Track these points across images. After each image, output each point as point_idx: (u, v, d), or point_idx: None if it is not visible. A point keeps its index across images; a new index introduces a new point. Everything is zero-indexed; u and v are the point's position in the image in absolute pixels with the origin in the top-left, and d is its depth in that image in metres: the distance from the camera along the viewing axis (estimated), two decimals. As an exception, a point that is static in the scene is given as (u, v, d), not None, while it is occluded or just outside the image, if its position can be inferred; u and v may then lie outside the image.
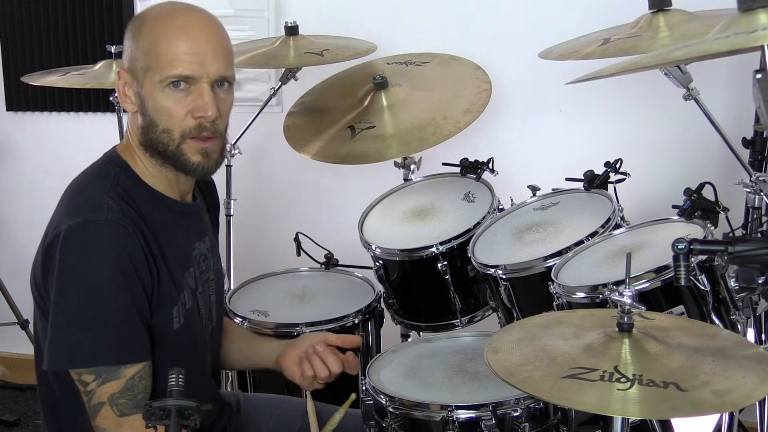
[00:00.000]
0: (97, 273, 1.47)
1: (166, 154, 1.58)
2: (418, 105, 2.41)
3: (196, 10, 1.60)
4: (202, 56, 1.54)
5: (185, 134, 1.57)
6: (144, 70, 1.56)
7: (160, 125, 1.57)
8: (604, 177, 2.13)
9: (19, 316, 3.24)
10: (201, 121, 1.56)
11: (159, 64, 1.54)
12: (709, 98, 2.05)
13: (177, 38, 1.54)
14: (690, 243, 1.34)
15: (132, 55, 1.58)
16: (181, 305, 1.61)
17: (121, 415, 1.50)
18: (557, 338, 1.46)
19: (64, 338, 1.48)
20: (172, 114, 1.56)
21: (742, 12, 1.46)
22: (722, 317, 1.77)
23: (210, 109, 1.55)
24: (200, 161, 1.59)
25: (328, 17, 2.93)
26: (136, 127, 1.60)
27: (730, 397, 1.26)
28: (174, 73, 1.54)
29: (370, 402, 1.80)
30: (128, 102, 1.60)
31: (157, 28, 1.56)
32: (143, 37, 1.56)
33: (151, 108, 1.56)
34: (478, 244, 2.14)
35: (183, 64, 1.54)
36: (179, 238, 1.66)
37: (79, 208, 1.52)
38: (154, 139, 1.58)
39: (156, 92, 1.55)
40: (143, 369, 1.52)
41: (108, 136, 2.14)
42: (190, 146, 1.58)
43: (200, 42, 1.55)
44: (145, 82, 1.56)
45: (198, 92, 1.55)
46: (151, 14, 1.60)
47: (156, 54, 1.54)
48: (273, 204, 3.17)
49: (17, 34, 3.29)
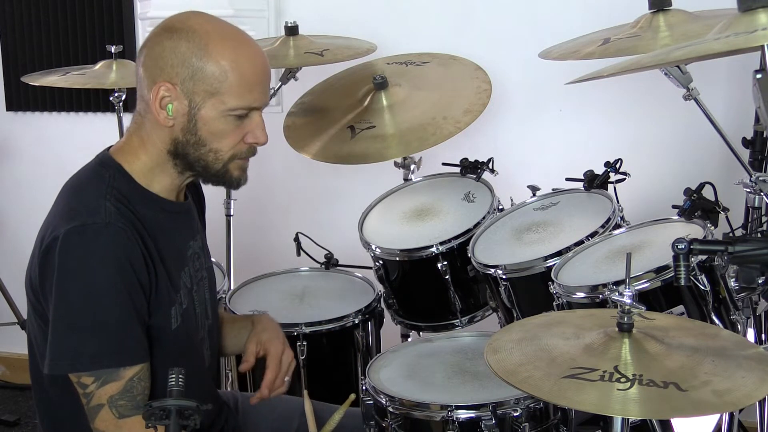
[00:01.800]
0: (97, 276, 1.47)
1: (207, 171, 1.60)
2: (418, 105, 2.41)
3: (252, 39, 1.60)
4: (267, 88, 1.59)
5: (234, 156, 1.60)
6: (208, 94, 1.53)
7: (209, 145, 1.57)
8: (604, 177, 2.13)
9: (19, 316, 3.24)
10: (253, 147, 1.61)
11: (231, 93, 1.53)
12: (709, 98, 2.04)
13: (248, 68, 1.54)
14: (690, 243, 1.34)
15: (189, 74, 1.53)
16: (179, 305, 1.61)
17: (120, 417, 1.50)
18: (557, 338, 1.46)
19: (65, 342, 1.48)
20: (227, 139, 1.57)
21: (742, 12, 1.47)
22: (722, 317, 1.77)
23: (264, 137, 1.60)
24: (240, 176, 1.63)
25: (328, 17, 2.93)
26: (164, 138, 1.58)
27: (730, 397, 1.26)
28: (247, 105, 1.55)
29: (370, 402, 1.80)
30: (164, 117, 1.56)
31: (227, 57, 1.53)
32: (209, 62, 1.52)
33: (205, 130, 1.55)
34: (478, 244, 2.14)
35: (257, 96, 1.56)
36: (175, 238, 1.66)
37: (77, 211, 1.52)
38: (196, 156, 1.58)
39: (216, 116, 1.55)
40: (142, 370, 1.51)
41: (108, 136, 2.13)
42: (235, 165, 1.61)
43: (267, 73, 1.60)
44: (206, 105, 1.54)
45: (254, 120, 1.58)
46: (213, 35, 1.54)
47: (230, 83, 1.53)
48: (273, 204, 3.17)
49: (17, 34, 3.29)
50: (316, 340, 2.15)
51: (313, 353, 2.13)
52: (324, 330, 2.16)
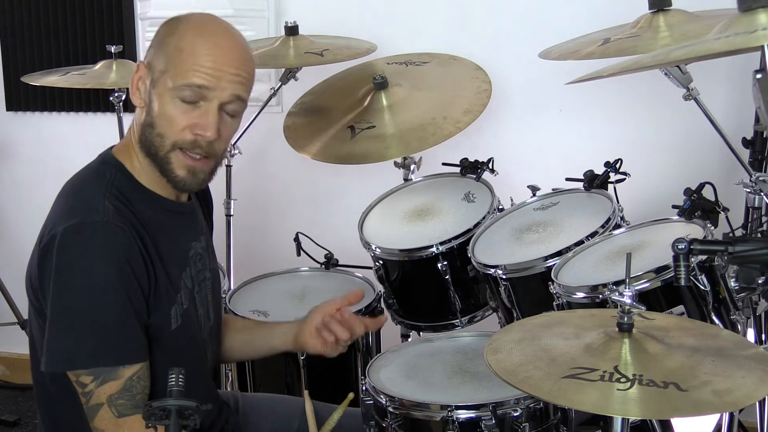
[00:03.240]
0: (95, 274, 1.47)
1: (155, 157, 1.58)
2: (418, 105, 2.41)
3: (232, 33, 1.60)
4: (222, 74, 1.54)
5: (176, 145, 1.56)
6: (161, 72, 1.55)
7: (157, 128, 1.56)
8: (604, 177, 2.13)
9: (19, 316, 3.24)
10: (198, 139, 1.56)
11: (177, 71, 1.54)
12: (709, 98, 2.04)
13: (203, 50, 1.54)
14: (690, 243, 1.34)
15: (154, 54, 1.58)
16: (179, 305, 1.61)
17: (119, 416, 1.50)
18: (557, 338, 1.46)
19: (62, 340, 1.48)
20: (173, 122, 1.55)
21: (742, 12, 1.46)
22: (722, 317, 1.77)
23: (210, 129, 1.55)
24: (184, 176, 1.59)
25: (328, 17, 2.93)
26: (138, 122, 1.61)
27: (730, 397, 1.26)
28: (188, 81, 1.53)
29: (370, 402, 1.80)
30: (137, 96, 1.60)
31: (188, 37, 1.55)
32: (171, 41, 1.56)
33: (156, 110, 1.56)
34: (478, 244, 2.14)
35: (200, 75, 1.53)
36: (176, 238, 1.66)
37: (76, 209, 1.52)
38: (148, 139, 1.58)
39: (165, 97, 1.55)
40: (141, 369, 1.52)
41: (108, 136, 2.14)
42: (178, 158, 1.57)
43: (224, 60, 1.55)
44: (159, 84, 1.56)
45: (204, 110, 1.55)
46: (188, 23, 1.59)
47: (177, 60, 1.54)
48: (273, 204, 3.17)
49: (17, 34, 3.29)
50: (316, 340, 2.15)
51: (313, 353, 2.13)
52: (324, 330, 2.16)
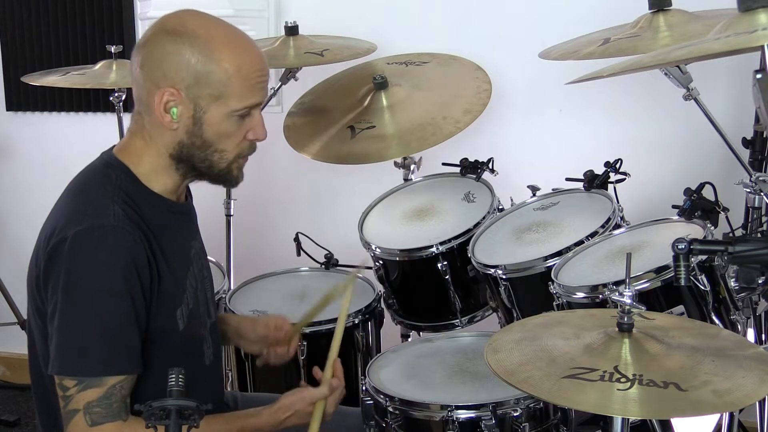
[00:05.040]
0: (102, 281, 1.47)
1: (211, 170, 1.60)
2: (418, 105, 2.41)
3: (246, 35, 1.60)
4: (266, 84, 1.60)
5: (240, 155, 1.61)
6: (213, 98, 1.53)
7: (215, 146, 1.58)
8: (604, 177, 2.13)
9: (19, 316, 3.24)
10: (255, 144, 1.62)
11: (236, 95, 1.53)
12: (709, 98, 2.05)
13: (251, 70, 1.54)
14: (690, 243, 1.34)
15: (193, 79, 1.52)
16: (185, 306, 1.61)
17: (92, 425, 1.49)
18: (557, 338, 1.46)
19: (67, 344, 1.49)
20: (232, 138, 1.58)
21: (742, 12, 1.46)
22: (722, 317, 1.77)
23: (264, 133, 1.61)
24: (239, 174, 1.65)
25: (328, 17, 2.93)
26: (167, 141, 1.58)
27: (730, 397, 1.26)
28: (251, 103, 1.56)
29: (370, 402, 1.80)
30: (168, 120, 1.55)
31: (232, 60, 1.53)
32: (213, 67, 1.52)
33: (211, 132, 1.56)
34: (478, 244, 2.14)
35: (260, 93, 1.57)
36: (180, 239, 1.67)
37: (85, 213, 1.52)
38: (201, 157, 1.58)
39: (221, 118, 1.55)
40: (126, 379, 1.51)
41: (108, 136, 2.14)
42: (239, 164, 1.63)
43: (266, 72, 1.59)
44: (211, 109, 1.54)
45: (252, 117, 1.58)
46: (215, 39, 1.53)
47: (233, 85, 1.53)
48: (273, 204, 3.17)
49: (17, 34, 3.29)
50: (316, 340, 2.15)
51: (313, 353, 2.13)
52: (324, 330, 2.16)
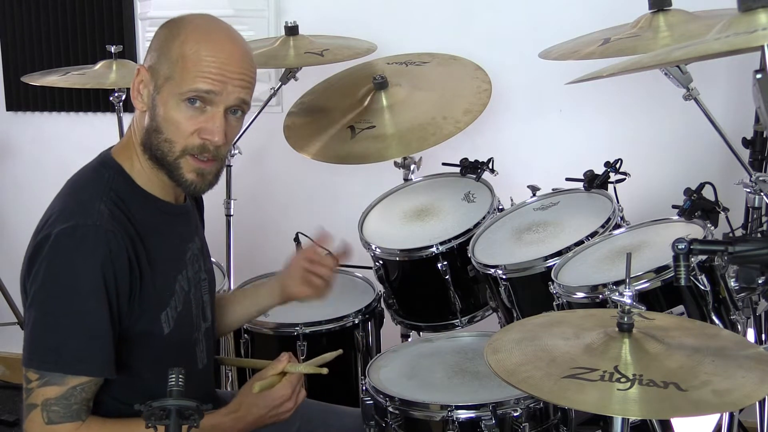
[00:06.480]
0: (79, 280, 1.47)
1: (163, 162, 1.57)
2: (418, 105, 2.41)
3: (234, 35, 1.59)
4: (227, 79, 1.54)
5: (186, 150, 1.56)
6: (165, 78, 1.54)
7: (164, 134, 1.55)
8: (604, 177, 2.13)
9: (18, 316, 3.24)
10: (206, 143, 1.56)
11: (183, 78, 1.53)
12: (709, 98, 2.05)
13: (207, 56, 1.53)
14: (690, 243, 1.34)
15: (157, 58, 1.56)
16: (171, 309, 1.61)
17: (48, 423, 1.48)
18: (557, 338, 1.46)
19: (33, 338, 1.51)
20: (180, 128, 1.55)
21: (742, 12, 1.46)
22: (722, 317, 1.77)
23: (218, 135, 1.55)
24: (194, 179, 1.58)
25: (328, 17, 2.93)
26: (141, 126, 1.59)
27: (730, 397, 1.26)
28: (195, 87, 1.52)
29: (370, 402, 1.80)
30: (139, 100, 1.58)
31: (191, 42, 1.54)
32: (174, 46, 1.54)
33: (161, 116, 1.55)
34: (478, 244, 2.14)
35: (207, 80, 1.52)
36: (173, 241, 1.66)
37: (71, 211, 1.52)
38: (154, 144, 1.57)
39: (171, 102, 1.54)
40: (89, 383, 1.50)
41: (108, 136, 2.13)
42: (187, 162, 1.57)
43: (229, 65, 1.54)
44: (163, 89, 1.54)
45: (211, 114, 1.54)
46: (189, 25, 1.57)
47: (183, 67, 1.53)
48: (273, 204, 3.17)
49: (17, 34, 3.29)
50: (316, 340, 2.15)
51: (313, 353, 2.13)
52: (324, 330, 2.16)
